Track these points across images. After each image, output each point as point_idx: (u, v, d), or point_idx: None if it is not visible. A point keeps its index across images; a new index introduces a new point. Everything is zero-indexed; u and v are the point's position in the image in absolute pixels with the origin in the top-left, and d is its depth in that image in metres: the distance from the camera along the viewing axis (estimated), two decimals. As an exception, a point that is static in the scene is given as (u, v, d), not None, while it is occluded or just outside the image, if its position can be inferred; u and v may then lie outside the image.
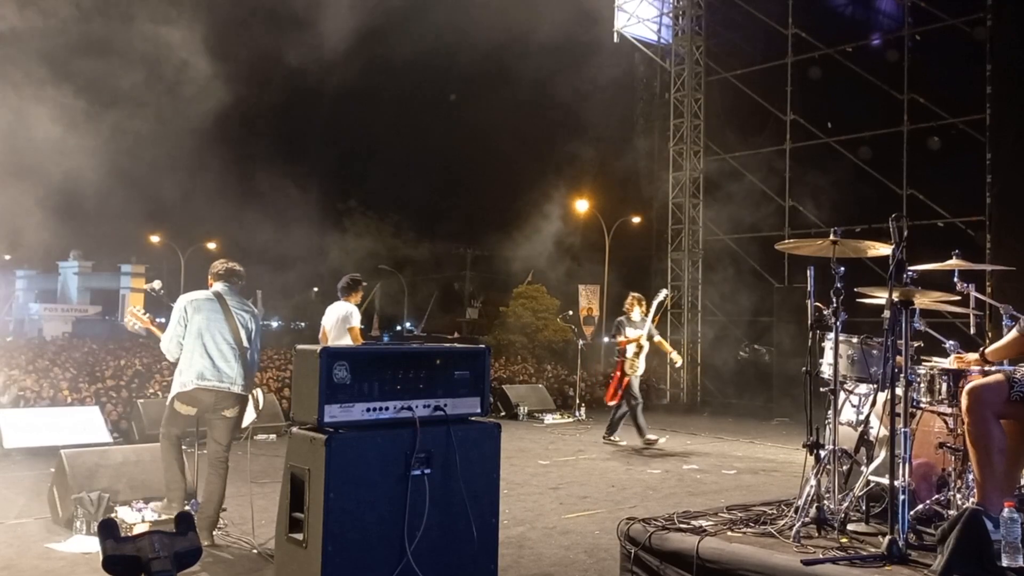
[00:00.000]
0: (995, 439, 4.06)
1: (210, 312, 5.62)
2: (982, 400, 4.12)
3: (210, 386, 5.51)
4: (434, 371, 4.11)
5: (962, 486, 4.59)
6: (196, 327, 5.56)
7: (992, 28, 13.05)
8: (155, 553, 2.00)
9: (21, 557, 5.36)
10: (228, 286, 5.83)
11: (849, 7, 16.71)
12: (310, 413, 3.82)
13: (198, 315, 5.58)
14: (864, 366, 5.13)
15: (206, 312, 5.61)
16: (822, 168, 15.74)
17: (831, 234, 4.99)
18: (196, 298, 5.68)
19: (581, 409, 14.50)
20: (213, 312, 5.62)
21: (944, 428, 4.77)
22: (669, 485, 8.28)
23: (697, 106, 18.39)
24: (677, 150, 18.60)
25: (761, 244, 16.11)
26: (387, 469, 3.84)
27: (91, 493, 5.92)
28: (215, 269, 5.93)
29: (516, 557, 5.49)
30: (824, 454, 4.86)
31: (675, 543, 4.48)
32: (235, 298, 5.80)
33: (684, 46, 18.68)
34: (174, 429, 5.62)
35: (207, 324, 5.57)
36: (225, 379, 5.55)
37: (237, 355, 5.60)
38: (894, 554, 4.02)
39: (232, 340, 5.59)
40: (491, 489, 4.21)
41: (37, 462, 8.35)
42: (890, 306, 4.38)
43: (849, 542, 4.46)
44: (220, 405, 5.57)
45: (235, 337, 5.61)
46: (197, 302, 5.65)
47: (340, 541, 3.69)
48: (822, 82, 15.94)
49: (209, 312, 5.61)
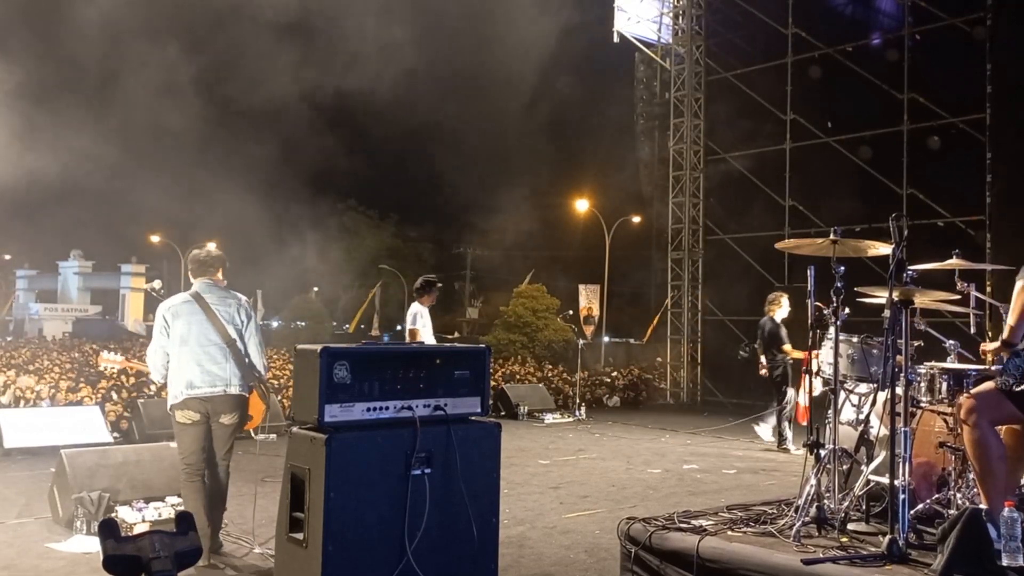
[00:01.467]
0: (993, 447, 4.07)
1: (189, 315, 5.33)
2: (976, 409, 4.13)
3: (201, 394, 5.24)
4: (434, 371, 4.11)
5: (962, 485, 4.59)
6: (178, 334, 5.29)
7: (992, 27, 13.04)
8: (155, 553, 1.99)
9: (22, 557, 5.37)
10: (206, 282, 5.50)
11: (849, 7, 16.70)
12: (310, 413, 3.82)
13: (178, 321, 5.31)
14: (864, 365, 5.13)
15: (185, 316, 5.33)
16: (822, 168, 15.74)
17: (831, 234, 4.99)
18: (173, 304, 5.39)
19: (581, 409, 14.50)
20: (193, 315, 5.33)
21: (944, 427, 4.77)
22: (669, 485, 8.28)
23: (697, 106, 18.39)
24: (677, 150, 18.60)
25: (761, 244, 16.08)
26: (387, 469, 3.84)
27: (91, 493, 5.92)
28: (189, 265, 5.64)
29: (516, 557, 5.49)
30: (824, 454, 4.86)
31: (675, 543, 4.48)
32: (215, 293, 5.47)
33: (684, 46, 18.69)
34: (189, 454, 5.27)
35: (189, 328, 5.30)
36: (218, 382, 5.28)
37: (227, 353, 5.32)
38: (894, 553, 4.02)
39: (219, 339, 5.31)
40: (491, 489, 4.21)
41: (37, 462, 8.35)
42: (890, 305, 4.38)
43: (849, 541, 4.46)
44: (216, 411, 5.30)
45: (222, 335, 5.32)
46: (174, 308, 5.36)
47: (340, 541, 3.69)
48: (822, 82, 15.93)
49: (188, 316, 5.33)
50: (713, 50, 18.32)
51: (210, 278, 5.53)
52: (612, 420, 14.31)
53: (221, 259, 5.63)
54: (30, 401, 11.62)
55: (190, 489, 5.26)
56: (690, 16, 18.56)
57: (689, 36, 18.53)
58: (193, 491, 5.25)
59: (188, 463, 5.27)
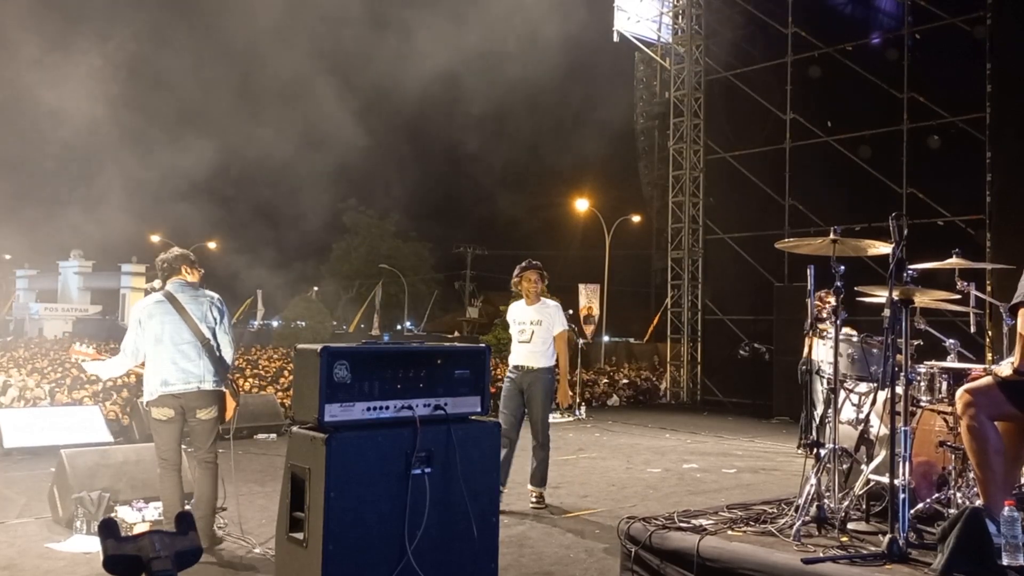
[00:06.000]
0: (991, 441, 4.06)
1: (162, 316, 5.41)
2: (973, 403, 4.12)
3: (176, 391, 5.34)
4: (434, 370, 4.11)
5: (962, 485, 4.59)
6: (153, 334, 5.38)
7: (992, 27, 13.05)
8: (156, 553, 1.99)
9: (22, 557, 5.37)
10: (177, 282, 5.57)
11: (849, 6, 16.71)
12: (310, 412, 3.81)
13: (151, 321, 5.40)
14: (864, 365, 5.13)
15: (159, 317, 5.41)
16: (822, 167, 15.75)
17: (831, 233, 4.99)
18: (146, 304, 5.49)
19: (581, 408, 14.51)
20: (165, 315, 5.41)
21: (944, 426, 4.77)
22: (669, 484, 8.28)
23: (697, 105, 18.40)
24: (677, 149, 18.61)
25: (761, 243, 16.08)
26: (387, 468, 3.84)
27: (91, 493, 5.92)
28: (158, 272, 5.69)
29: (516, 556, 5.49)
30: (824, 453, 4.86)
31: (676, 542, 4.48)
32: (187, 292, 5.53)
33: (684, 45, 18.69)
34: (165, 449, 5.39)
35: (162, 328, 5.38)
36: (192, 378, 5.37)
37: (201, 351, 5.40)
38: (894, 553, 4.02)
39: (192, 338, 5.39)
40: (491, 488, 4.21)
41: (37, 462, 8.35)
42: (890, 305, 4.38)
43: (849, 541, 4.46)
44: (191, 406, 5.38)
45: (195, 333, 5.40)
46: (148, 308, 5.45)
47: (341, 540, 3.69)
48: (822, 81, 15.93)
49: (161, 316, 5.41)
50: (713, 49, 18.32)
51: (179, 278, 5.60)
52: (612, 419, 14.32)
53: (184, 257, 5.67)
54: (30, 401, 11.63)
55: (165, 479, 5.40)
56: (690, 15, 18.57)
57: (689, 35, 18.54)
58: (169, 481, 5.39)
59: (163, 458, 5.41)
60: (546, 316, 6.99)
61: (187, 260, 5.68)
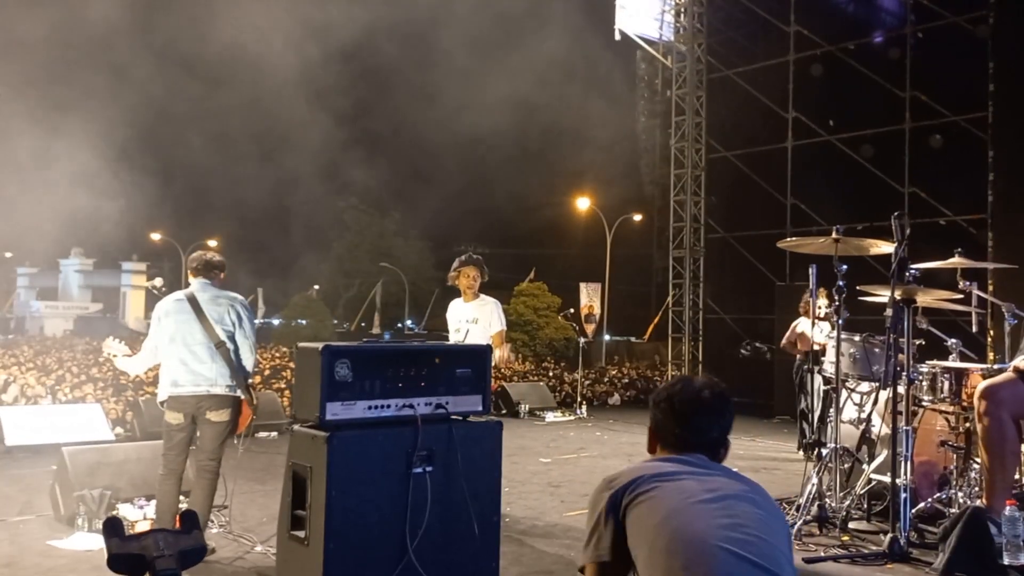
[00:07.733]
0: (1010, 440, 4.03)
1: (178, 315, 5.36)
2: (999, 400, 4.05)
3: (185, 392, 5.27)
4: (436, 369, 4.11)
5: (964, 484, 4.59)
6: (168, 333, 5.34)
7: (994, 26, 13.02)
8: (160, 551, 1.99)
9: (23, 555, 5.37)
10: (204, 282, 5.51)
11: (851, 4, 16.69)
12: (312, 411, 3.82)
13: (167, 319, 5.36)
14: (866, 364, 5.13)
15: (175, 316, 5.37)
16: (824, 166, 15.73)
17: (833, 232, 4.99)
18: (165, 303, 5.45)
19: (582, 407, 14.50)
20: (181, 314, 5.36)
21: (946, 426, 4.77)
22: (670, 483, 8.27)
23: (699, 103, 18.38)
24: (678, 147, 18.58)
25: (763, 242, 16.07)
26: (389, 467, 3.84)
27: (93, 491, 5.92)
28: (191, 264, 5.66)
29: (517, 555, 5.49)
30: (826, 452, 4.86)
31: (677, 541, 4.46)
32: (208, 292, 5.44)
33: (686, 43, 18.67)
34: (171, 456, 5.32)
35: (176, 328, 5.33)
36: (202, 381, 5.27)
37: (214, 354, 5.30)
38: (896, 552, 4.02)
39: (205, 339, 5.30)
40: (492, 487, 4.21)
41: (39, 460, 8.35)
42: (892, 304, 4.38)
43: (851, 540, 4.46)
44: (201, 408, 5.30)
45: (208, 335, 5.30)
46: (166, 306, 5.42)
47: (342, 539, 3.69)
48: (824, 79, 15.90)
49: (177, 315, 5.36)
50: (715, 48, 18.30)
51: (207, 279, 5.55)
52: (613, 418, 14.31)
53: (223, 265, 5.67)
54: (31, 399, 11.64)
55: (163, 483, 5.33)
56: (691, 13, 18.54)
57: (691, 33, 18.51)
58: (166, 486, 5.32)
59: (167, 459, 5.36)
60: (483, 314, 6.69)
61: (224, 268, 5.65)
